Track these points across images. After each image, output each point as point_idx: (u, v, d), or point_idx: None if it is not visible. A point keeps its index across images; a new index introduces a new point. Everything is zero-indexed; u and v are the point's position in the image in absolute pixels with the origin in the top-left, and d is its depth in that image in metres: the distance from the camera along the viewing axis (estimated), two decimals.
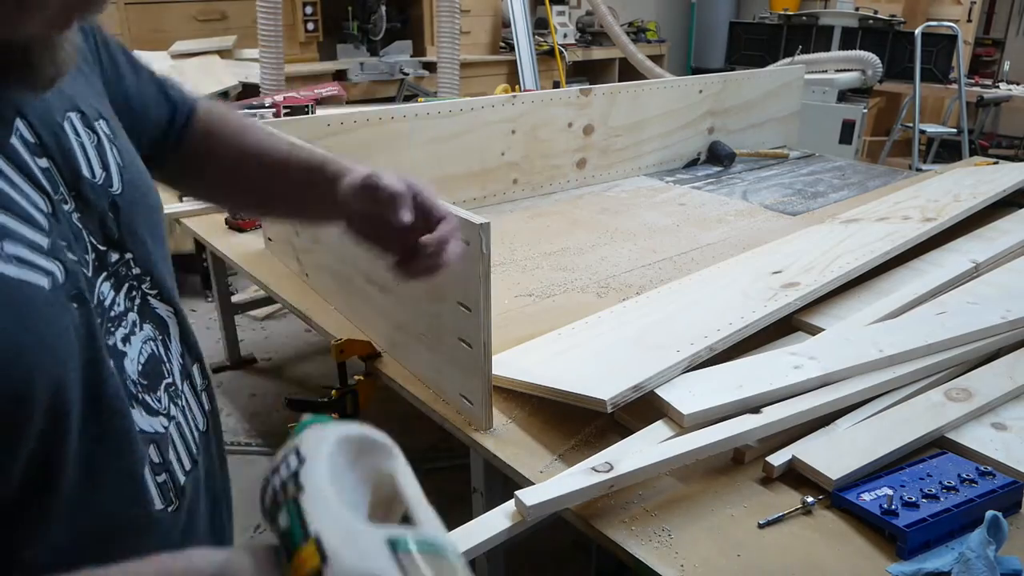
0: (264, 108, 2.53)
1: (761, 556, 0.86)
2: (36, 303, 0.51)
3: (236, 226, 1.95)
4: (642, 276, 1.64)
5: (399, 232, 0.75)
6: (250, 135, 0.85)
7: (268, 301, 2.82)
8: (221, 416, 0.79)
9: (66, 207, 0.58)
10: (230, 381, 2.63)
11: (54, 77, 0.53)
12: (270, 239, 1.79)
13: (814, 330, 1.32)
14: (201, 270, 3.10)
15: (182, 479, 0.67)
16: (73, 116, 0.61)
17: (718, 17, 6.46)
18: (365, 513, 0.48)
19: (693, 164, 2.62)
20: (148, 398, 0.64)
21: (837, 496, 0.92)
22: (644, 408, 1.05)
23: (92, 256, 0.60)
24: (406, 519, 0.49)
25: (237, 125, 0.85)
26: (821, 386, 1.09)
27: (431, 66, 4.04)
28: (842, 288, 1.44)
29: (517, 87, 4.18)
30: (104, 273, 0.61)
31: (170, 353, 0.69)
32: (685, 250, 1.80)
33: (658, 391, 1.06)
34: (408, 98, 3.74)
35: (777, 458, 0.98)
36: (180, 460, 0.68)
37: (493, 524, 0.87)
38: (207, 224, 2.01)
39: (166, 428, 0.66)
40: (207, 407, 0.75)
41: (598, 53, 5.41)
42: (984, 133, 5.34)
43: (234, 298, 2.76)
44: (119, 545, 0.57)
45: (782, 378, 1.08)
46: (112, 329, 0.61)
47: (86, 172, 0.60)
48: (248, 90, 3.35)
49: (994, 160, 2.60)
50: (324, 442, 0.49)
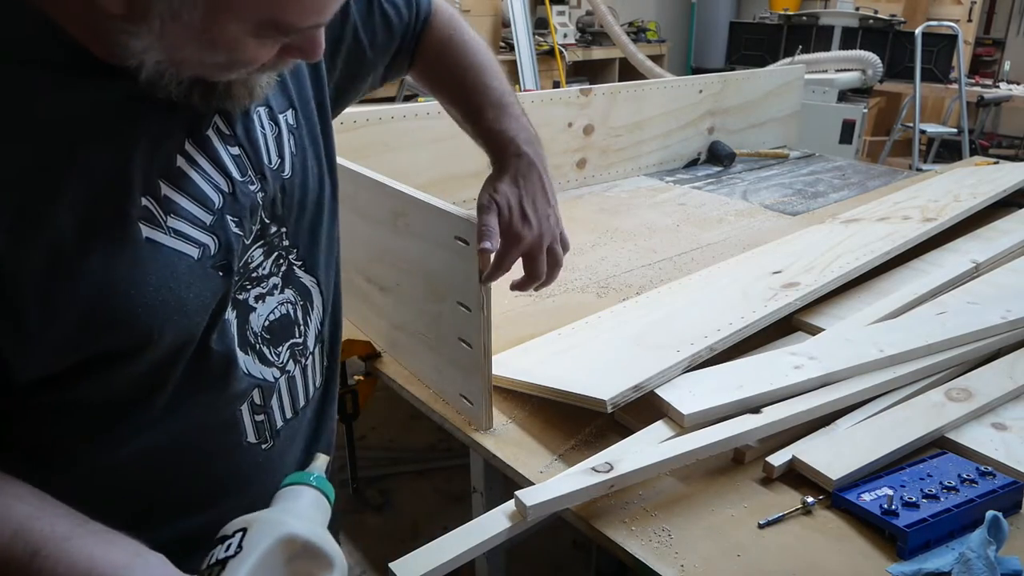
0: None
1: (761, 556, 0.85)
2: (181, 269, 0.63)
3: None
4: (642, 276, 1.64)
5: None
6: (455, 83, 0.99)
7: None
8: None
9: (252, 187, 0.70)
10: None
11: (248, 103, 0.66)
12: None
13: (814, 330, 1.32)
14: None
15: (279, 424, 0.79)
16: (262, 111, 0.73)
17: (718, 17, 6.46)
18: None
19: (693, 164, 2.62)
20: (266, 350, 0.75)
21: (837, 496, 0.92)
22: (644, 408, 1.05)
23: (258, 227, 0.72)
24: None
25: (457, 63, 0.99)
26: (821, 386, 1.09)
27: None
28: (842, 288, 1.44)
29: (517, 87, 4.18)
30: (261, 241, 0.73)
31: (308, 317, 0.80)
32: (685, 250, 1.80)
33: (658, 391, 1.06)
34: (408, 98, 3.74)
35: (777, 458, 0.98)
36: (282, 408, 0.79)
37: (493, 524, 0.87)
38: None
39: (276, 379, 0.77)
40: (329, 370, 0.87)
41: (598, 53, 5.41)
42: (984, 133, 5.34)
43: None
44: (211, 459, 0.73)
45: (782, 378, 1.08)
46: (249, 287, 0.72)
47: (265, 159, 0.72)
48: None
49: (994, 160, 2.60)
50: (268, 537, 0.56)
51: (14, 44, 0.55)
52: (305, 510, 0.60)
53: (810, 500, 0.92)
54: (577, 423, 1.08)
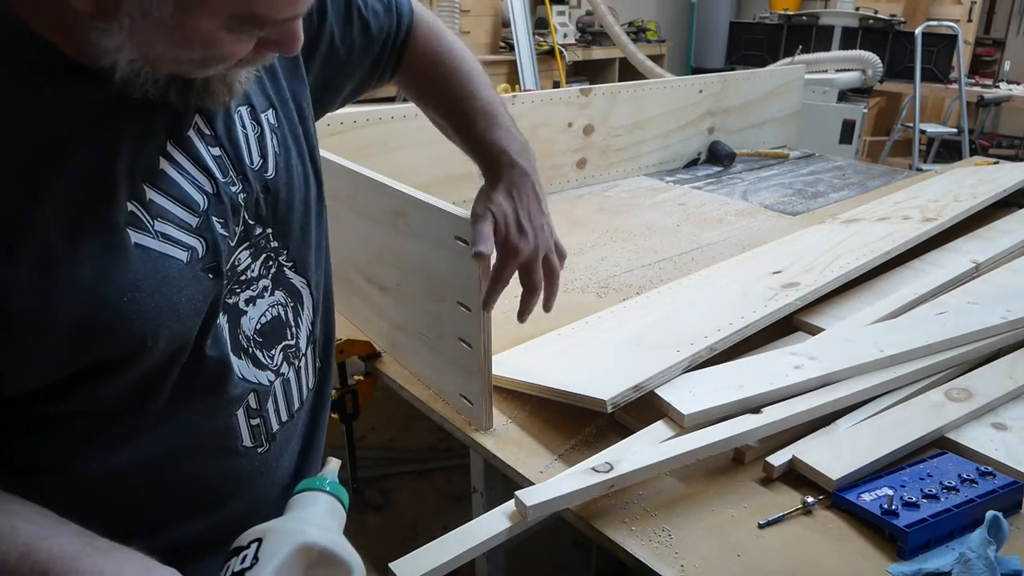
0: None
1: (761, 556, 0.85)
2: (171, 273, 0.62)
3: None
4: (642, 276, 1.64)
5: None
6: (442, 94, 0.98)
7: None
8: None
9: (233, 188, 0.69)
10: None
11: (227, 100, 0.64)
12: None
13: (814, 330, 1.32)
14: None
15: (275, 427, 0.78)
16: (243, 110, 0.72)
17: (718, 17, 6.45)
18: None
19: (693, 164, 2.62)
20: (259, 353, 0.74)
21: (837, 496, 0.92)
22: (644, 408, 1.05)
23: (241, 228, 0.70)
24: None
25: (443, 73, 0.98)
26: (821, 386, 1.09)
27: None
28: (842, 288, 1.44)
29: (517, 87, 4.18)
30: (247, 243, 0.71)
31: (299, 319, 0.79)
32: (685, 250, 1.80)
33: (658, 391, 1.06)
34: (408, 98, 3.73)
35: (777, 458, 0.98)
36: (278, 411, 0.78)
37: (493, 524, 0.87)
38: None
39: (271, 382, 0.76)
40: (322, 371, 0.87)
41: (598, 53, 5.41)
42: (984, 133, 5.34)
43: None
44: (207, 464, 0.72)
45: (782, 378, 1.08)
46: (238, 290, 0.71)
47: (247, 159, 0.71)
48: None
49: (994, 160, 2.60)
50: (284, 547, 0.54)
51: None
52: (320, 517, 0.59)
53: (810, 500, 0.92)
54: (577, 423, 1.08)
